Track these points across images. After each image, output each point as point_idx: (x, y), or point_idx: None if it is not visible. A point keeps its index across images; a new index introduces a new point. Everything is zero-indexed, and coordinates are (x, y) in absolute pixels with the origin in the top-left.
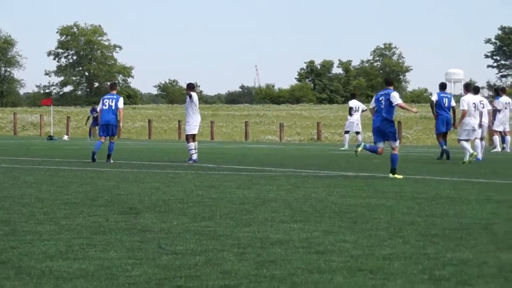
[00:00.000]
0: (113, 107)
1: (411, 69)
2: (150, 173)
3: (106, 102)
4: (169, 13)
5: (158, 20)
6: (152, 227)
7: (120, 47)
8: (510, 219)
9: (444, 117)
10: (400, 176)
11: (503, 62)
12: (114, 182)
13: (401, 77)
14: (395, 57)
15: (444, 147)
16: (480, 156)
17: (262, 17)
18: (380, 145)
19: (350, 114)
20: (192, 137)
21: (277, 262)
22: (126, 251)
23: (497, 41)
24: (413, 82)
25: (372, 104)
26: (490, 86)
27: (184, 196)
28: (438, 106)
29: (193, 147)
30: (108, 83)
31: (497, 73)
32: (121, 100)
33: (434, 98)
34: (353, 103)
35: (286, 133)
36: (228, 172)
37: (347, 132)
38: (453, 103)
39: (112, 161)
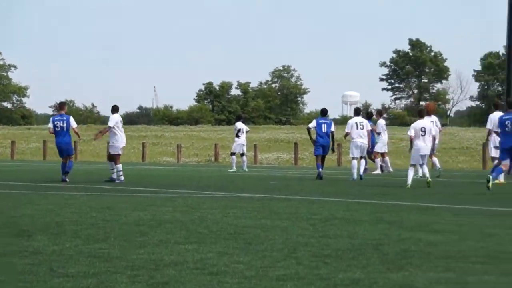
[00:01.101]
0: (65, 129)
1: (309, 91)
2: (44, 195)
3: (57, 124)
4: (65, 32)
5: (54, 39)
6: (44, 249)
7: (15, 67)
8: (400, 240)
9: (321, 142)
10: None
11: (397, 85)
12: (6, 204)
13: (299, 99)
14: (293, 79)
15: (320, 169)
16: (360, 173)
17: (160, 37)
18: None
19: (237, 136)
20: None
21: (170, 284)
22: (17, 275)
23: (391, 64)
24: (311, 104)
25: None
26: (384, 109)
27: (78, 218)
28: (317, 132)
29: (120, 168)
30: (58, 102)
31: (391, 96)
32: (72, 119)
33: (312, 124)
34: (240, 125)
35: (183, 154)
36: (124, 194)
37: (233, 154)
38: (332, 128)
39: (68, 179)
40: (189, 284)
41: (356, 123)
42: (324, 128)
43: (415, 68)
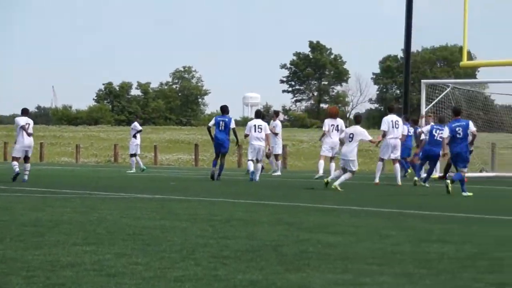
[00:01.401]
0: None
1: (210, 92)
2: None
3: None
4: None
5: None
6: None
7: None
8: (298, 241)
9: (217, 140)
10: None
11: (297, 87)
12: None
13: (200, 100)
14: (194, 80)
15: (214, 167)
16: (256, 177)
17: (59, 36)
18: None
19: (135, 137)
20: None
21: (66, 285)
22: None
23: (292, 66)
24: (211, 105)
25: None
26: (285, 111)
27: None
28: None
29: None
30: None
31: (292, 98)
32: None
33: (211, 123)
34: (137, 125)
35: (82, 154)
36: (21, 194)
37: (133, 155)
38: (232, 125)
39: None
40: (86, 286)
41: (255, 125)
42: (222, 126)
43: (315, 71)
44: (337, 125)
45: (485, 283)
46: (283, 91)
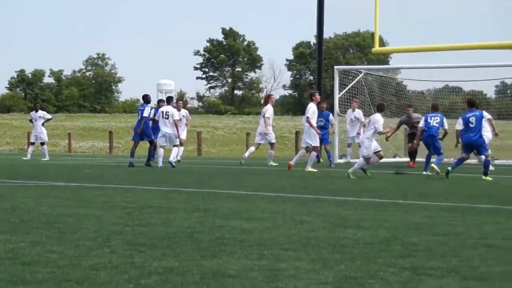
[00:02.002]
0: None
1: (124, 80)
2: None
3: None
4: None
5: None
6: None
7: None
8: (214, 227)
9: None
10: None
11: (211, 74)
12: None
13: (114, 87)
14: (108, 68)
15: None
16: (171, 160)
17: None
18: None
19: (43, 125)
20: None
21: None
22: None
23: (205, 53)
24: (126, 92)
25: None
26: (199, 97)
27: None
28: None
29: None
30: None
31: (206, 85)
32: None
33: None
34: (46, 114)
35: None
36: None
37: (43, 143)
38: (145, 114)
39: None
40: (1, 275)
41: (163, 112)
42: (139, 115)
43: (229, 57)
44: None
45: (398, 268)
46: (197, 77)
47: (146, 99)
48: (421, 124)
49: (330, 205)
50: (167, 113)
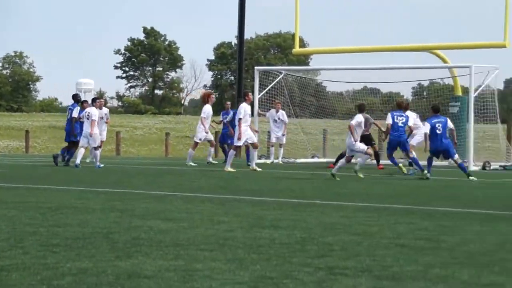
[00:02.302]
0: None
1: (42, 79)
2: None
3: None
4: None
5: None
6: None
7: None
8: (130, 227)
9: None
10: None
11: (132, 73)
12: None
13: (31, 86)
14: (25, 66)
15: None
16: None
17: None
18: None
19: None
20: None
21: None
22: None
23: (126, 52)
24: (43, 91)
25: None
26: (119, 97)
27: None
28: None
29: None
30: None
31: (126, 84)
32: None
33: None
34: None
35: None
36: None
37: None
38: (74, 114)
39: None
40: None
41: (87, 112)
42: (68, 115)
43: (149, 57)
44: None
45: (314, 267)
46: (117, 77)
47: (76, 98)
48: (389, 121)
49: (247, 205)
50: (89, 114)
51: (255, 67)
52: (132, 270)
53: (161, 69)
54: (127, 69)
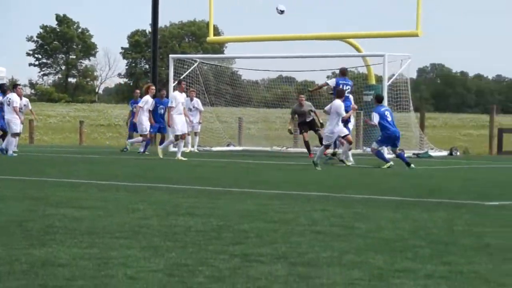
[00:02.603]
0: None
1: None
2: None
3: None
4: None
5: None
6: None
7: None
8: (44, 216)
9: None
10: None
11: (44, 60)
12: None
13: None
14: None
15: None
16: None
17: None
18: None
19: None
20: None
21: None
22: None
23: (39, 39)
24: None
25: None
26: (32, 85)
27: None
28: None
29: None
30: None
31: (39, 72)
32: None
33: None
34: None
35: None
36: None
37: None
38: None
39: None
40: None
41: (7, 99)
42: None
43: (62, 44)
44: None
45: (229, 255)
46: (30, 64)
47: (3, 88)
48: (331, 82)
49: (163, 193)
50: (10, 100)
51: (170, 56)
52: (46, 258)
53: (74, 57)
54: (40, 56)
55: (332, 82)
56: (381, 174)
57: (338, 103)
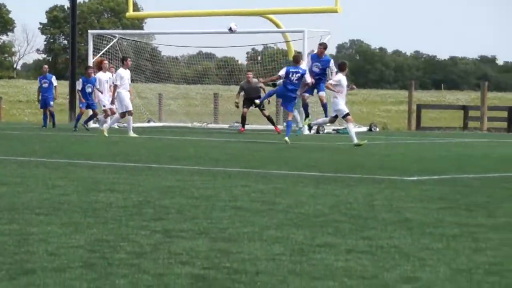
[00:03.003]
0: None
1: None
2: None
3: None
4: None
5: None
6: None
7: None
8: None
9: None
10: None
11: None
12: None
13: None
14: None
15: None
16: None
17: None
18: None
19: None
20: None
21: None
22: None
23: None
24: None
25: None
26: None
27: None
28: None
29: None
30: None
31: None
32: None
33: None
34: None
35: None
36: None
37: None
38: None
39: None
40: None
41: None
42: None
43: None
44: None
45: (150, 230)
46: None
47: None
48: (281, 73)
49: (83, 169)
50: None
51: (89, 31)
52: None
53: None
54: None
55: (282, 72)
56: (298, 149)
57: (339, 77)
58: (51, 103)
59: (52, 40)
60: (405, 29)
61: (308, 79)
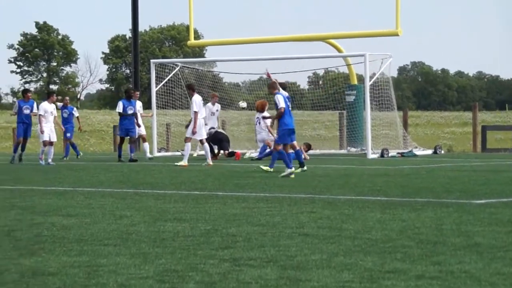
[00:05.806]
0: None
1: None
2: None
3: None
4: None
5: None
6: None
7: None
8: (32, 224)
9: None
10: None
11: (26, 68)
12: None
13: None
14: None
15: None
16: None
17: None
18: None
19: None
20: None
21: None
22: None
23: (19, 47)
24: None
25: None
26: (14, 93)
27: None
28: None
29: None
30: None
31: (21, 80)
32: None
33: None
34: None
35: None
36: None
37: None
38: None
39: None
40: None
41: None
42: None
43: (43, 52)
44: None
45: (219, 259)
46: (12, 71)
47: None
48: (282, 104)
49: (149, 199)
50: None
51: (151, 60)
52: (36, 268)
53: (55, 64)
54: (21, 64)
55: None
56: (364, 174)
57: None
58: (68, 134)
59: (114, 69)
60: (467, 50)
61: None
